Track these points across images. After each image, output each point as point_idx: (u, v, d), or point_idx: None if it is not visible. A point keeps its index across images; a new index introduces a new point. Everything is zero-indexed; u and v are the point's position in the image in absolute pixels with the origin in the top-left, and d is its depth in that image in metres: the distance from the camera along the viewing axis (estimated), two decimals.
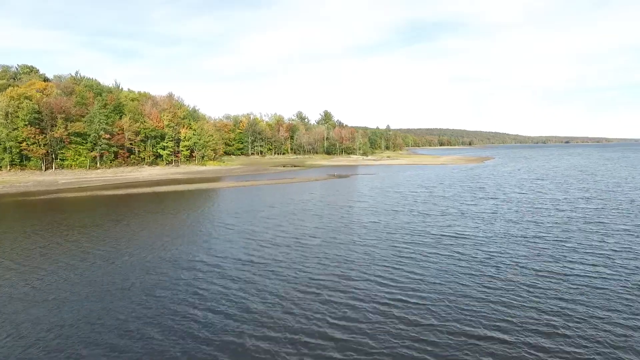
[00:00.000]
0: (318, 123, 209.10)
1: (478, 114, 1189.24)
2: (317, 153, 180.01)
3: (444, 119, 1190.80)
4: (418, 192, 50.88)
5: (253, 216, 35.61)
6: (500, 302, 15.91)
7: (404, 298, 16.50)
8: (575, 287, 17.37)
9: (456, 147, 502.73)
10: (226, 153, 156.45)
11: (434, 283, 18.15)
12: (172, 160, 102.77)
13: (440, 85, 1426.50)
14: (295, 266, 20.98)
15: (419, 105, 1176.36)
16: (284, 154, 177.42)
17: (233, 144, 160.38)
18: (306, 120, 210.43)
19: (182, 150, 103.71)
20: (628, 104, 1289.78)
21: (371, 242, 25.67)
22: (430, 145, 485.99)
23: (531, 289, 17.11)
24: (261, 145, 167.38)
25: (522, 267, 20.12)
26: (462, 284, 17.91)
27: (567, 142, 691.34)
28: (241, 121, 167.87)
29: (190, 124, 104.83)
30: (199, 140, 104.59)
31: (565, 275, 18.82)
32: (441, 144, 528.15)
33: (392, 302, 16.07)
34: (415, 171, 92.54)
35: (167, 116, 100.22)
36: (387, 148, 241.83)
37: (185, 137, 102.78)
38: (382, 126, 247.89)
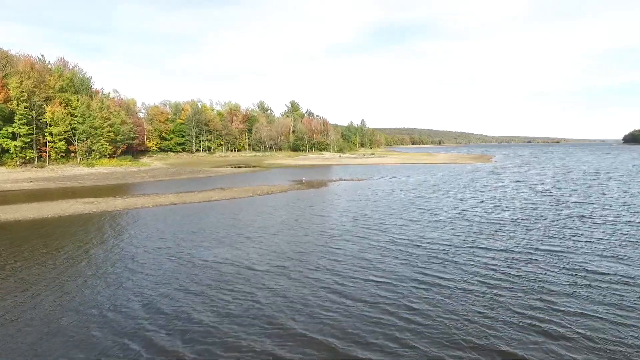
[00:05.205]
0: (283, 115, 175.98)
1: (445, 114, 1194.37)
2: (281, 150, 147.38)
3: (412, 118, 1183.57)
4: (508, 241, 19.62)
5: None
6: None
7: None
8: None
9: (429, 145, 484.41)
10: (162, 149, 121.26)
11: None
12: (32, 157, 65.59)
13: (408, 86, 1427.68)
14: None
15: (387, 105, 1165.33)
16: (239, 150, 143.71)
17: (171, 138, 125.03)
18: (269, 111, 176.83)
19: (51, 142, 66.30)
20: (582, 107, 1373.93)
21: None
22: (402, 144, 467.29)
23: None
24: (209, 140, 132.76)
25: None
26: None
27: (529, 141, 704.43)
28: (183, 109, 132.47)
29: (70, 100, 67.07)
30: (82, 124, 67.22)
31: None
32: (413, 143, 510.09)
33: None
34: (423, 175, 61.90)
35: (18, 83, 60.97)
36: (363, 145, 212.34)
37: (54, 120, 64.61)
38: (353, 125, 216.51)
